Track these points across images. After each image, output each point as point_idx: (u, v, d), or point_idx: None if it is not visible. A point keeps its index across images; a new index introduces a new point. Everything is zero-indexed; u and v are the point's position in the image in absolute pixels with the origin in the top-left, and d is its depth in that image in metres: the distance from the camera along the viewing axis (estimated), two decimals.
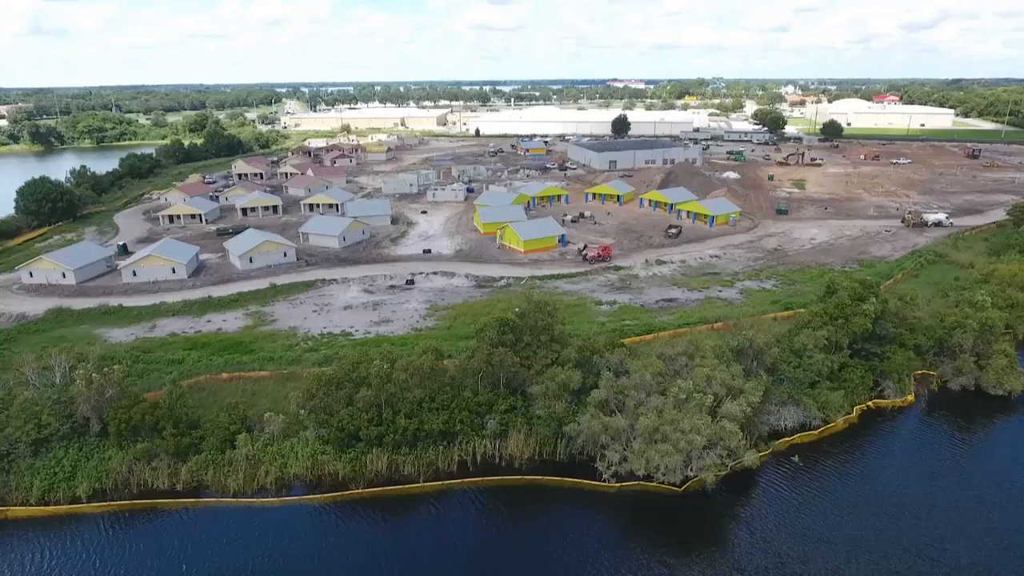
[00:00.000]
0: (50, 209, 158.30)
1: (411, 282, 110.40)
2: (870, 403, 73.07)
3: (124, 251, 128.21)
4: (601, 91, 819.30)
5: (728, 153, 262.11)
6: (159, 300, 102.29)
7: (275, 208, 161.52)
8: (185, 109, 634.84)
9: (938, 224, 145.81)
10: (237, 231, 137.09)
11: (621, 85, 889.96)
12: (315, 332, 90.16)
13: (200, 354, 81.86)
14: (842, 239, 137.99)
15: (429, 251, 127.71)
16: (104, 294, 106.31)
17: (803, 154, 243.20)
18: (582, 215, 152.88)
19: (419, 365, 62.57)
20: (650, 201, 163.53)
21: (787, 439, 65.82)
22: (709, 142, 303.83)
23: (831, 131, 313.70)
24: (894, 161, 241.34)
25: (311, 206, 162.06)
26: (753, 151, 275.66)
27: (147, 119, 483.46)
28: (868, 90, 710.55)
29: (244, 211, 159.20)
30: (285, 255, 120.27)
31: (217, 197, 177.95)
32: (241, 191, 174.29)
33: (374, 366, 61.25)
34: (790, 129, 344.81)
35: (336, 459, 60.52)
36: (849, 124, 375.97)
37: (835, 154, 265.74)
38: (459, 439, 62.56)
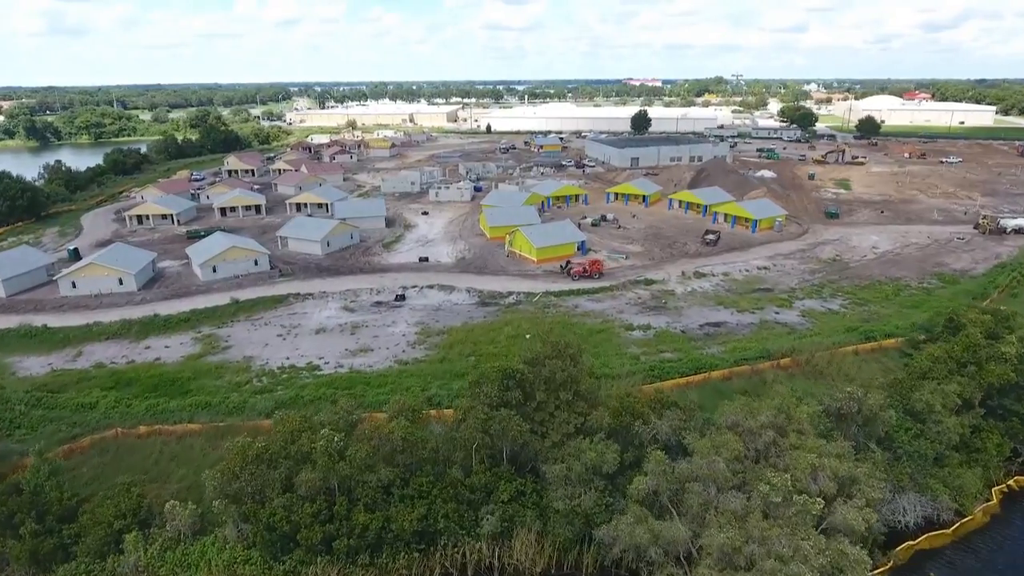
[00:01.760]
0: (8, 207, 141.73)
1: (401, 298, 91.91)
2: (1011, 482, 53.45)
3: (75, 257, 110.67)
4: (617, 89, 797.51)
5: (758, 151, 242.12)
6: (95, 319, 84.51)
7: (257, 208, 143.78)
8: (192, 106, 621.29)
9: (1019, 231, 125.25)
10: (210, 233, 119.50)
11: (637, 83, 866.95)
12: (274, 364, 71.83)
13: (120, 396, 63.75)
14: (909, 248, 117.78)
15: (426, 259, 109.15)
16: (34, 310, 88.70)
17: (843, 152, 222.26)
18: (604, 218, 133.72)
19: (388, 433, 43.95)
20: (681, 202, 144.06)
21: (910, 543, 46.34)
22: (736, 139, 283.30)
23: (868, 128, 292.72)
24: (943, 160, 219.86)
25: (298, 206, 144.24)
26: (785, 148, 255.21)
27: (148, 115, 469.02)
28: (892, 89, 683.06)
29: (223, 211, 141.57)
30: (256, 263, 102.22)
31: (197, 195, 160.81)
32: (223, 188, 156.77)
33: (321, 437, 42.63)
34: (820, 126, 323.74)
35: (264, 572, 41.98)
36: (883, 121, 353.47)
37: (875, 152, 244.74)
38: (443, 542, 43.84)
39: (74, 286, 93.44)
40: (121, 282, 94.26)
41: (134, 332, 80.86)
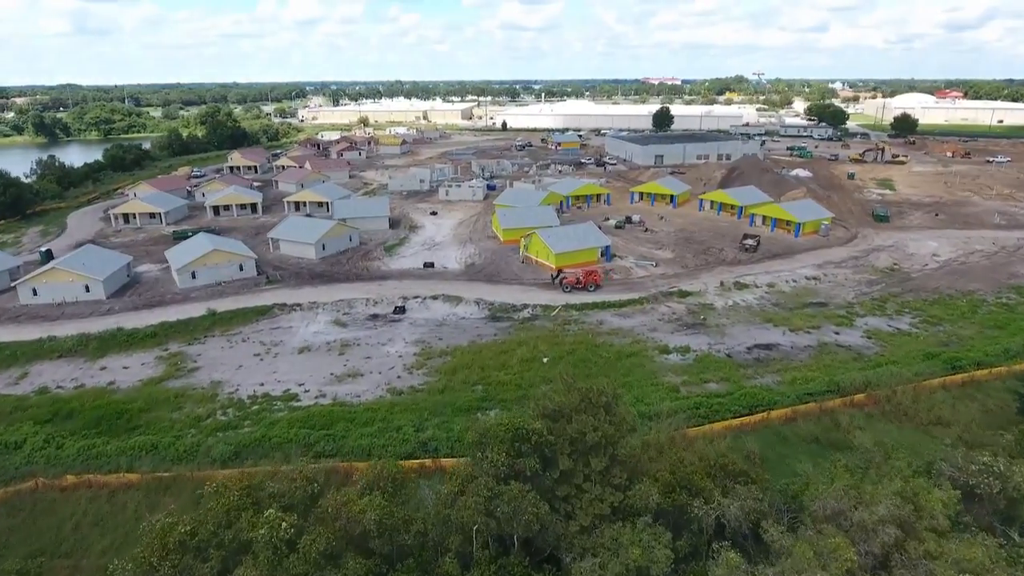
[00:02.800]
0: None
1: (401, 310, 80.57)
2: None
3: (47, 259, 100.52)
4: (635, 88, 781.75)
5: (789, 149, 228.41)
6: (52, 332, 74.00)
7: (253, 206, 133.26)
8: (206, 103, 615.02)
9: None
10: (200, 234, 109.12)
11: (656, 82, 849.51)
12: (245, 392, 60.74)
13: (54, 433, 52.91)
14: (974, 256, 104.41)
15: (431, 265, 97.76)
16: None
17: (882, 150, 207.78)
18: (629, 219, 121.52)
19: (359, 513, 32.43)
20: (713, 203, 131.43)
21: None
22: (764, 137, 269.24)
23: (903, 126, 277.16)
24: (990, 159, 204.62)
25: (297, 204, 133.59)
26: (817, 147, 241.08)
27: (158, 112, 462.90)
28: (919, 88, 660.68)
29: (216, 210, 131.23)
30: (241, 268, 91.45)
31: (192, 193, 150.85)
32: (219, 185, 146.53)
33: (265, 522, 31.19)
34: (851, 124, 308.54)
35: None
36: (916, 120, 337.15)
37: (913, 151, 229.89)
38: None
39: (35, 293, 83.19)
40: (88, 289, 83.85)
41: (91, 349, 70.20)
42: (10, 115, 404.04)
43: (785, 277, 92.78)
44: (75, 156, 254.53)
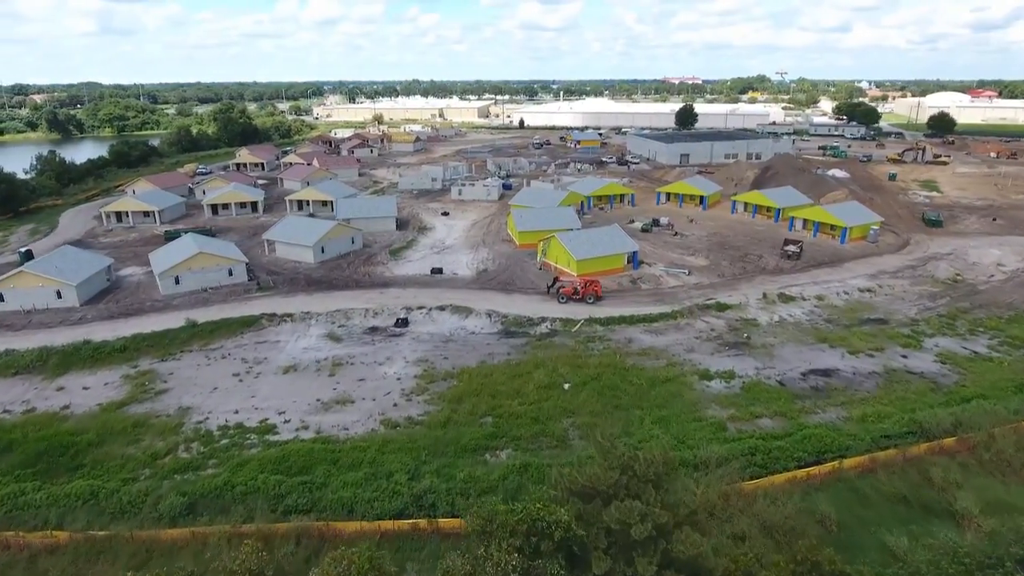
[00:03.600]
0: None
1: (403, 323, 71.68)
2: None
3: (27, 260, 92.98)
4: (655, 86, 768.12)
5: (820, 148, 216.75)
6: (11, 345, 65.98)
7: (254, 205, 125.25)
8: (222, 101, 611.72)
9: None
10: (202, 234, 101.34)
11: (676, 81, 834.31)
12: (216, 421, 52.11)
13: None
14: None
15: (440, 271, 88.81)
16: None
17: (923, 150, 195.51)
18: (656, 222, 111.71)
19: None
20: (746, 204, 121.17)
21: None
22: (793, 137, 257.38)
23: (941, 125, 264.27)
24: None
25: (300, 203, 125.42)
26: (850, 146, 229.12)
27: (172, 109, 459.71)
28: (948, 87, 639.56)
29: (214, 208, 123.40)
30: (231, 273, 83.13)
31: (194, 190, 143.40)
32: (220, 183, 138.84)
33: None
34: (883, 124, 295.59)
35: None
36: (954, 119, 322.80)
37: (953, 151, 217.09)
38: None
39: (2, 299, 75.40)
40: (60, 295, 75.93)
41: (51, 365, 62.06)
42: (24, 111, 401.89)
43: (835, 288, 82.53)
44: (87, 152, 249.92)
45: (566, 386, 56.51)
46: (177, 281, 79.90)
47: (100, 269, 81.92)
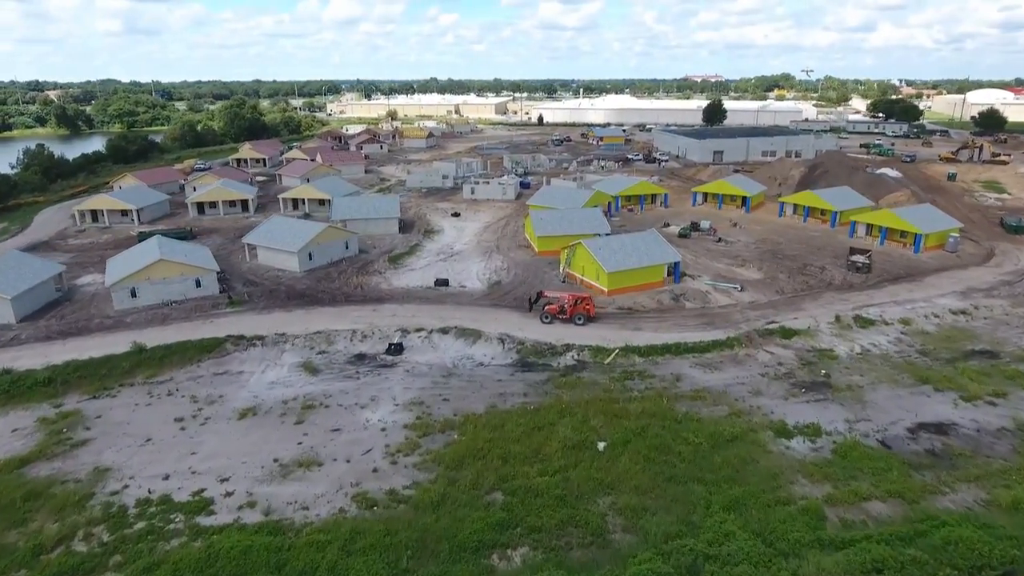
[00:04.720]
0: None
1: (397, 349, 58.58)
2: None
3: None
4: (678, 84, 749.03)
5: (864, 146, 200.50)
6: None
7: (244, 203, 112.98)
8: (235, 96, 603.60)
9: None
10: (182, 236, 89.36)
11: (699, 79, 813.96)
12: (137, 490, 39.32)
13: None
14: None
15: (445, 282, 75.62)
16: None
17: (980, 148, 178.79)
18: (696, 226, 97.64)
19: None
20: (796, 207, 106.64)
21: None
22: (829, 134, 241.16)
23: (990, 123, 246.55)
24: None
25: (294, 202, 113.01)
26: (893, 144, 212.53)
27: (183, 105, 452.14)
28: (974, 86, 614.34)
29: (200, 207, 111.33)
30: (199, 284, 70.58)
31: (184, 187, 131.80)
32: (211, 179, 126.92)
33: None
34: (923, 121, 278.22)
35: None
36: (1005, 117, 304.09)
37: (1008, 149, 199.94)
38: None
39: None
40: None
41: None
42: (34, 107, 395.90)
43: (921, 310, 68.04)
44: (92, 148, 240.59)
45: (601, 446, 43.03)
46: (134, 294, 67.50)
47: (47, 278, 69.70)
